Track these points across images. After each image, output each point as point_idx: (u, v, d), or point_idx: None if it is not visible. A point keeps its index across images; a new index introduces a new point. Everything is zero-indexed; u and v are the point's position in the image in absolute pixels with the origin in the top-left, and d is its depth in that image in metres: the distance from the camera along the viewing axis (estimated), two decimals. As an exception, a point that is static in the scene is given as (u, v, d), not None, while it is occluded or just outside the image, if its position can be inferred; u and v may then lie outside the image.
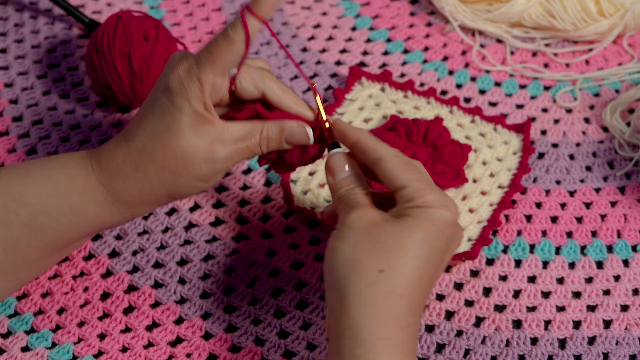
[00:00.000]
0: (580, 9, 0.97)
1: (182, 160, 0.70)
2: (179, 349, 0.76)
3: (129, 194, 0.71)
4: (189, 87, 0.68)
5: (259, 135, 0.71)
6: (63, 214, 0.71)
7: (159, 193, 0.71)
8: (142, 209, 0.73)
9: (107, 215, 0.72)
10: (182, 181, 0.71)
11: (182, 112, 0.69)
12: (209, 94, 0.69)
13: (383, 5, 1.04)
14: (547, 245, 0.83)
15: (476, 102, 0.95)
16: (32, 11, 1.03)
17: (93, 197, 0.71)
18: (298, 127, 0.71)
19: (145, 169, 0.70)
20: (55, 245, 0.73)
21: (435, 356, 0.76)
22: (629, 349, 0.77)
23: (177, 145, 0.69)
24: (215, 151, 0.70)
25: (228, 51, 0.68)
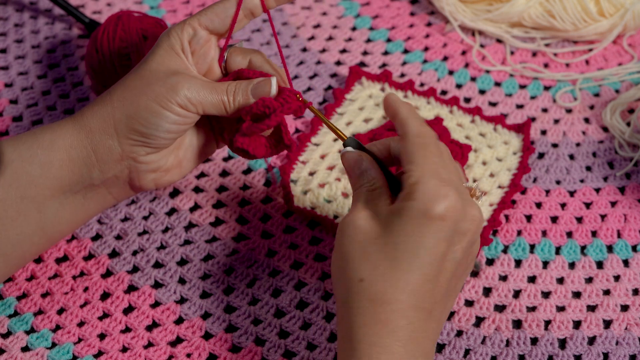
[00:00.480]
0: (580, 9, 0.97)
1: (146, 81, 0.72)
2: (179, 349, 0.76)
3: (92, 115, 0.72)
4: (173, 27, 0.73)
5: (227, 85, 0.73)
6: (35, 154, 0.71)
7: (119, 115, 0.72)
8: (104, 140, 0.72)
9: (74, 150, 0.72)
10: (141, 101, 0.71)
11: (158, 46, 0.73)
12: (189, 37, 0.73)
13: (383, 5, 1.04)
14: (547, 245, 0.83)
15: (476, 102, 0.95)
16: (32, 11, 1.03)
17: (62, 131, 0.72)
18: (265, 80, 0.73)
19: (113, 92, 0.73)
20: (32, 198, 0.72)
21: (436, 356, 0.76)
22: (629, 349, 0.77)
23: (144, 69, 0.72)
24: (179, 77, 0.71)
25: (219, 6, 0.73)
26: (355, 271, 0.64)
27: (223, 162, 0.89)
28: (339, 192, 0.86)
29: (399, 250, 0.63)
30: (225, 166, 0.88)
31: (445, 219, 0.63)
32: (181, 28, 0.73)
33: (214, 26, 0.73)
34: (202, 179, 0.87)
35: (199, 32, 0.73)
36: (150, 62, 0.73)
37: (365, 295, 0.63)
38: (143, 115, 0.71)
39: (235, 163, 0.88)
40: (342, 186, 0.86)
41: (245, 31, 1.01)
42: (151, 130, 0.72)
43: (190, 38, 0.73)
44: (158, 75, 0.72)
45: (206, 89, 0.72)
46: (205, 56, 0.74)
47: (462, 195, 0.65)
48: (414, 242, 0.63)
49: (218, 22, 0.73)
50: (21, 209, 0.72)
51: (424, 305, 0.64)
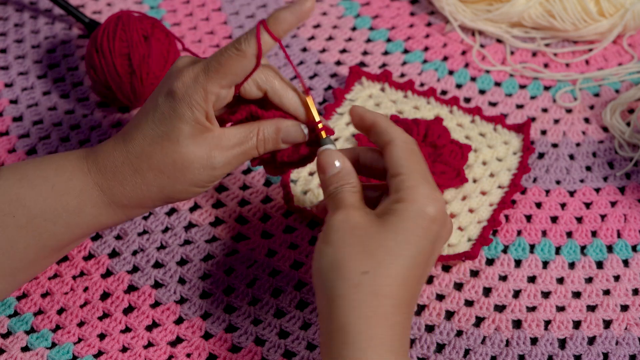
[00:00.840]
0: (580, 9, 0.97)
1: (180, 167, 0.70)
2: (179, 349, 0.76)
3: (126, 197, 0.71)
4: (193, 96, 0.68)
5: (255, 137, 0.71)
6: (59, 215, 0.71)
7: (156, 197, 0.72)
8: (139, 211, 0.74)
9: (103, 217, 0.72)
10: (180, 187, 0.71)
11: (183, 121, 0.69)
12: (212, 104, 0.69)
13: (383, 5, 1.04)
14: (547, 245, 0.83)
15: (476, 102, 0.95)
16: (32, 11, 1.03)
17: (90, 199, 0.71)
18: (294, 126, 0.72)
19: (143, 173, 0.70)
20: (52, 246, 0.73)
21: (435, 356, 0.76)
22: (629, 349, 0.77)
23: (176, 152, 0.69)
24: (214, 158, 0.70)
25: (238, 64, 0.68)
26: (358, 263, 0.64)
27: (223, 162, 0.89)
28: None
29: (401, 247, 0.64)
30: (225, 166, 0.88)
31: (436, 221, 0.65)
32: (203, 98, 0.68)
33: (235, 83, 0.70)
34: (202, 179, 0.87)
35: (222, 94, 0.69)
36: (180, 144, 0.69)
37: (368, 287, 0.63)
38: (183, 196, 0.72)
39: (235, 163, 0.88)
40: (342, 186, 0.86)
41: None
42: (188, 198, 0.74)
43: (214, 103, 0.69)
44: (192, 163, 0.70)
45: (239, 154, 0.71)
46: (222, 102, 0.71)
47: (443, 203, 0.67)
48: (414, 241, 0.64)
49: (239, 79, 0.69)
50: (40, 255, 0.73)
51: (411, 303, 0.65)
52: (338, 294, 0.64)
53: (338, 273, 0.64)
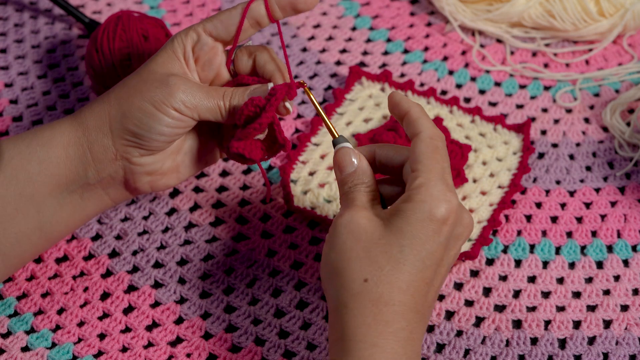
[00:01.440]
0: (580, 9, 0.97)
1: (143, 79, 0.72)
2: (179, 349, 0.76)
3: (89, 113, 0.72)
4: (178, 33, 0.74)
5: (223, 91, 0.73)
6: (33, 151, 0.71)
7: (114, 112, 0.72)
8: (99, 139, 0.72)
9: (71, 147, 0.72)
10: (136, 100, 0.71)
11: (162, 50, 0.73)
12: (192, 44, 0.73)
13: (383, 5, 1.04)
14: (547, 245, 0.83)
15: (476, 102, 0.95)
16: (32, 11, 1.03)
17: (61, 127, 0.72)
18: (261, 85, 0.73)
19: (112, 91, 0.73)
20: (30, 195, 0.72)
21: (435, 356, 0.76)
22: (629, 349, 0.77)
23: (143, 69, 0.73)
24: (176, 79, 0.71)
25: (225, 13, 0.72)
26: (358, 271, 0.64)
27: (223, 162, 0.89)
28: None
29: (404, 252, 0.63)
30: (225, 166, 0.88)
31: (447, 222, 0.64)
32: (185, 33, 0.73)
33: (218, 33, 0.73)
34: (202, 179, 0.87)
35: (203, 38, 0.73)
36: (151, 64, 0.73)
37: (368, 295, 0.63)
38: (136, 115, 0.71)
39: (235, 163, 0.88)
40: (342, 186, 0.86)
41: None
42: (144, 131, 0.71)
43: (193, 43, 0.73)
44: (155, 76, 0.72)
45: (202, 92, 0.72)
46: (211, 62, 0.74)
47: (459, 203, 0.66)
48: (418, 245, 0.64)
49: (222, 29, 0.73)
50: (20, 206, 0.72)
51: (419, 308, 0.64)
52: (341, 302, 0.64)
53: (341, 280, 0.65)
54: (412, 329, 0.64)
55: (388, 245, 0.64)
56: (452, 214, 0.64)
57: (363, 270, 0.64)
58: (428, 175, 0.65)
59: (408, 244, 0.63)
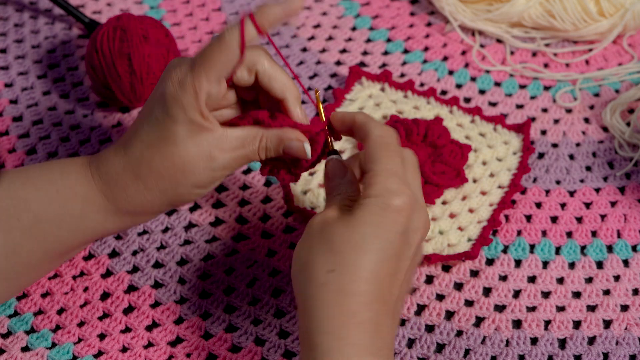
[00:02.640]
0: (580, 9, 0.97)
1: (181, 169, 0.70)
2: (179, 349, 0.76)
3: (129, 203, 0.72)
4: (183, 96, 0.68)
5: (258, 143, 0.71)
6: (64, 220, 0.71)
7: (159, 201, 0.72)
8: (143, 217, 0.74)
9: (108, 224, 0.73)
10: (181, 189, 0.71)
11: (177, 122, 0.68)
12: (204, 102, 0.68)
13: (383, 5, 1.04)
14: (547, 245, 0.83)
15: (476, 102, 0.95)
16: (32, 11, 1.03)
17: (94, 205, 0.72)
18: (297, 142, 0.71)
19: (144, 179, 0.70)
20: (56, 251, 0.73)
21: (435, 356, 0.76)
22: (629, 349, 0.77)
23: (175, 155, 0.69)
24: (214, 159, 0.70)
25: (222, 56, 0.68)
26: (324, 263, 0.63)
27: (223, 162, 0.89)
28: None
29: (366, 240, 0.63)
30: (225, 166, 0.88)
31: (402, 213, 0.63)
32: (194, 97, 0.68)
33: (224, 75, 0.69)
34: (202, 179, 0.87)
35: (213, 90, 0.69)
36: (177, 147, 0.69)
37: (333, 286, 0.62)
38: (185, 199, 0.72)
39: (235, 163, 0.88)
40: (342, 186, 0.86)
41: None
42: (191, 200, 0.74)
43: (206, 100, 0.69)
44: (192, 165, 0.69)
45: (237, 156, 0.71)
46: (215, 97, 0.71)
47: (416, 199, 0.65)
48: (379, 233, 0.63)
49: (227, 70, 0.69)
50: (43, 259, 0.74)
51: (385, 299, 0.63)
52: (307, 295, 0.63)
53: (307, 274, 0.64)
54: (378, 320, 0.63)
55: (351, 234, 0.63)
56: (407, 205, 0.64)
57: (328, 261, 0.63)
58: (381, 171, 0.65)
59: (370, 232, 0.63)
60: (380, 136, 0.67)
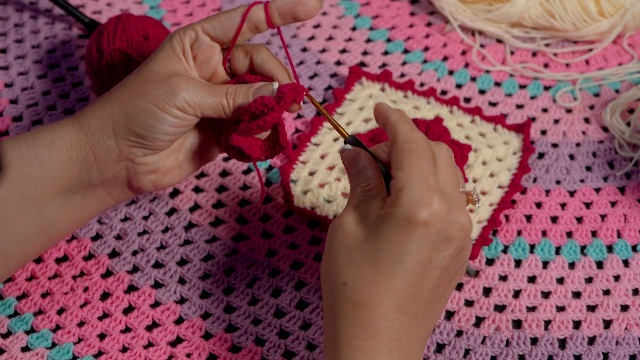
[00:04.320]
0: (580, 9, 0.97)
1: (144, 81, 0.72)
2: (179, 349, 0.76)
3: (91, 115, 0.72)
4: (176, 31, 0.73)
5: (227, 88, 0.73)
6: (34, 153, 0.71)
7: (117, 115, 0.71)
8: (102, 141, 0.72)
9: (73, 150, 0.72)
10: (139, 101, 0.71)
11: (160, 48, 0.73)
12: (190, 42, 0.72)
13: (383, 5, 1.04)
14: (547, 245, 0.83)
15: (476, 102, 0.95)
16: (32, 11, 1.03)
17: (62, 129, 0.72)
18: (266, 84, 0.73)
19: (113, 92, 0.73)
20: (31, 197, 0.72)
21: (435, 356, 0.76)
22: (629, 349, 0.77)
23: (144, 69, 0.73)
24: (178, 79, 0.71)
25: (225, 14, 0.73)
26: (339, 275, 0.64)
27: (223, 162, 0.89)
28: (339, 192, 0.86)
29: (382, 255, 0.63)
30: (225, 166, 0.88)
31: (429, 225, 0.63)
32: (184, 31, 0.73)
33: (216, 34, 0.73)
34: (202, 179, 0.87)
35: (201, 37, 0.73)
36: (151, 64, 0.73)
37: (347, 298, 0.63)
38: (140, 116, 0.71)
39: (235, 163, 0.88)
40: (342, 186, 0.86)
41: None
42: (148, 132, 0.71)
43: (192, 42, 0.73)
44: (157, 77, 0.71)
45: (205, 90, 0.72)
46: (208, 61, 0.74)
47: (450, 202, 0.64)
48: (397, 248, 0.63)
49: (221, 31, 0.73)
50: (21, 208, 0.72)
51: (407, 310, 0.64)
52: (326, 305, 0.65)
53: (326, 284, 0.66)
54: (397, 330, 0.63)
55: (368, 249, 0.64)
56: (435, 215, 0.63)
57: (343, 273, 0.64)
58: (406, 179, 0.64)
59: (386, 247, 0.63)
60: (406, 141, 0.66)
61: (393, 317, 0.63)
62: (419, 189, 0.63)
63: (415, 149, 0.66)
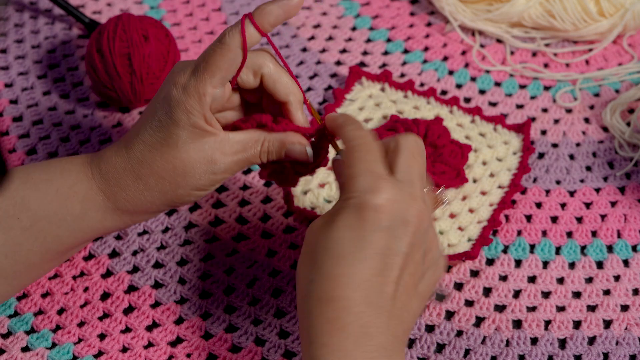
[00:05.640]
0: (580, 9, 0.97)
1: (181, 172, 0.70)
2: (179, 349, 0.76)
3: (129, 203, 0.72)
4: (187, 100, 0.68)
5: (259, 146, 0.71)
6: (64, 219, 0.71)
7: (159, 202, 0.72)
8: (143, 216, 0.74)
9: (107, 222, 0.73)
10: (181, 191, 0.71)
11: (180, 126, 0.69)
12: (209, 105, 0.69)
13: (383, 5, 1.04)
14: (547, 245, 0.83)
15: (476, 102, 0.95)
16: (32, 11, 1.03)
17: (94, 204, 0.72)
18: (299, 145, 0.71)
19: (145, 179, 0.71)
20: (55, 250, 0.73)
21: (435, 356, 0.76)
22: (629, 349, 0.77)
23: (176, 158, 0.69)
24: (215, 162, 0.70)
25: (224, 59, 0.68)
26: (307, 273, 0.64)
27: (223, 162, 0.89)
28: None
29: (340, 245, 0.62)
30: (225, 166, 0.88)
31: (379, 210, 0.62)
32: (198, 101, 0.68)
33: (227, 79, 0.69)
34: (202, 179, 0.87)
35: (217, 94, 0.69)
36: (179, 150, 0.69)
37: (314, 295, 0.63)
38: (185, 199, 0.72)
39: (235, 163, 0.88)
40: (342, 186, 0.86)
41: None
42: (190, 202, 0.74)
43: (210, 105, 0.69)
44: (193, 168, 0.70)
45: (239, 159, 0.71)
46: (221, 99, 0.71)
47: (403, 189, 0.64)
48: (354, 236, 0.62)
49: (230, 74, 0.69)
50: (43, 259, 0.74)
51: (373, 301, 0.62)
52: (298, 306, 0.65)
53: (297, 286, 0.65)
54: (364, 323, 0.62)
55: (327, 241, 0.63)
56: (387, 200, 0.63)
57: (310, 270, 0.64)
58: (353, 174, 0.64)
59: (344, 236, 0.63)
60: (350, 140, 0.66)
61: (359, 310, 0.62)
62: (366, 178, 0.63)
63: (360, 145, 0.65)
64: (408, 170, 0.66)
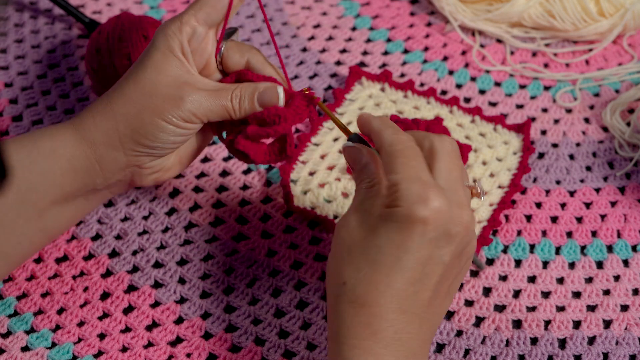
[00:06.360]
0: (580, 9, 0.97)
1: (147, 93, 0.70)
2: (179, 349, 0.76)
3: (95, 128, 0.71)
4: (169, 26, 0.71)
5: (232, 91, 0.72)
6: (34, 161, 0.71)
7: (123, 129, 0.71)
8: (109, 153, 0.72)
9: (76, 160, 0.72)
10: (145, 116, 0.70)
11: (156, 48, 0.71)
12: (188, 36, 0.71)
13: (383, 5, 1.04)
14: (547, 245, 0.83)
15: (476, 102, 0.95)
16: (32, 11, 1.03)
17: (63, 139, 0.72)
18: (271, 87, 0.72)
19: (114, 103, 0.71)
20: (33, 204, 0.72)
21: (435, 356, 0.76)
22: (629, 349, 0.77)
23: (145, 78, 0.71)
24: (183, 92, 0.70)
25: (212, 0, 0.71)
26: (339, 274, 0.64)
27: (223, 162, 0.89)
28: (339, 192, 0.86)
29: (381, 253, 0.63)
30: (225, 166, 0.88)
31: (428, 222, 0.62)
32: (178, 28, 0.71)
33: (211, 20, 0.71)
34: (202, 179, 0.87)
35: (198, 30, 0.71)
36: (150, 70, 0.71)
37: (346, 298, 0.63)
38: (149, 130, 0.71)
39: (235, 163, 0.88)
40: (342, 186, 0.86)
41: (245, 31, 1.01)
42: (157, 143, 0.72)
43: (189, 37, 0.71)
44: (159, 88, 0.70)
45: (210, 98, 0.71)
46: (202, 52, 0.72)
47: (450, 197, 0.64)
48: (396, 246, 0.63)
49: (215, 14, 0.71)
50: (21, 212, 0.72)
51: (407, 308, 0.63)
52: (328, 305, 0.66)
53: (329, 284, 0.66)
54: (397, 329, 0.63)
55: (367, 248, 0.63)
56: (434, 211, 0.62)
57: (343, 273, 0.64)
58: (399, 180, 0.63)
59: (385, 245, 0.63)
60: (391, 145, 0.65)
61: (392, 317, 0.63)
62: (414, 187, 0.63)
63: (402, 150, 0.65)
64: (449, 176, 0.66)
